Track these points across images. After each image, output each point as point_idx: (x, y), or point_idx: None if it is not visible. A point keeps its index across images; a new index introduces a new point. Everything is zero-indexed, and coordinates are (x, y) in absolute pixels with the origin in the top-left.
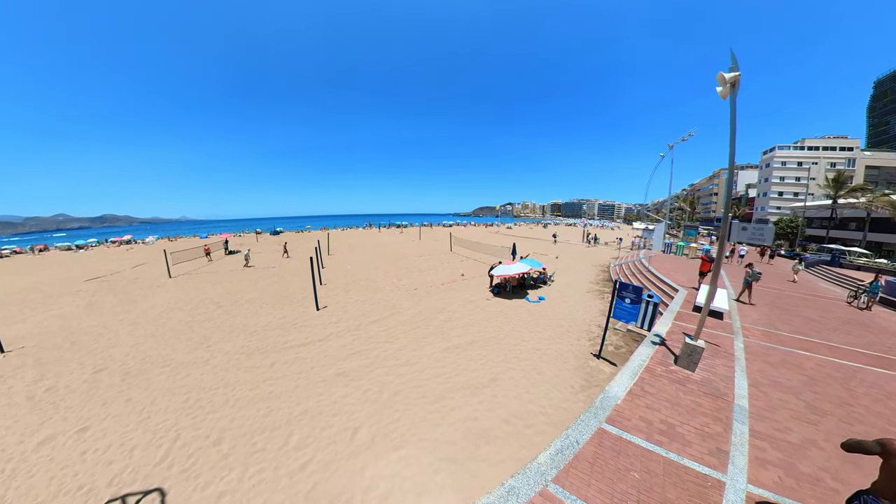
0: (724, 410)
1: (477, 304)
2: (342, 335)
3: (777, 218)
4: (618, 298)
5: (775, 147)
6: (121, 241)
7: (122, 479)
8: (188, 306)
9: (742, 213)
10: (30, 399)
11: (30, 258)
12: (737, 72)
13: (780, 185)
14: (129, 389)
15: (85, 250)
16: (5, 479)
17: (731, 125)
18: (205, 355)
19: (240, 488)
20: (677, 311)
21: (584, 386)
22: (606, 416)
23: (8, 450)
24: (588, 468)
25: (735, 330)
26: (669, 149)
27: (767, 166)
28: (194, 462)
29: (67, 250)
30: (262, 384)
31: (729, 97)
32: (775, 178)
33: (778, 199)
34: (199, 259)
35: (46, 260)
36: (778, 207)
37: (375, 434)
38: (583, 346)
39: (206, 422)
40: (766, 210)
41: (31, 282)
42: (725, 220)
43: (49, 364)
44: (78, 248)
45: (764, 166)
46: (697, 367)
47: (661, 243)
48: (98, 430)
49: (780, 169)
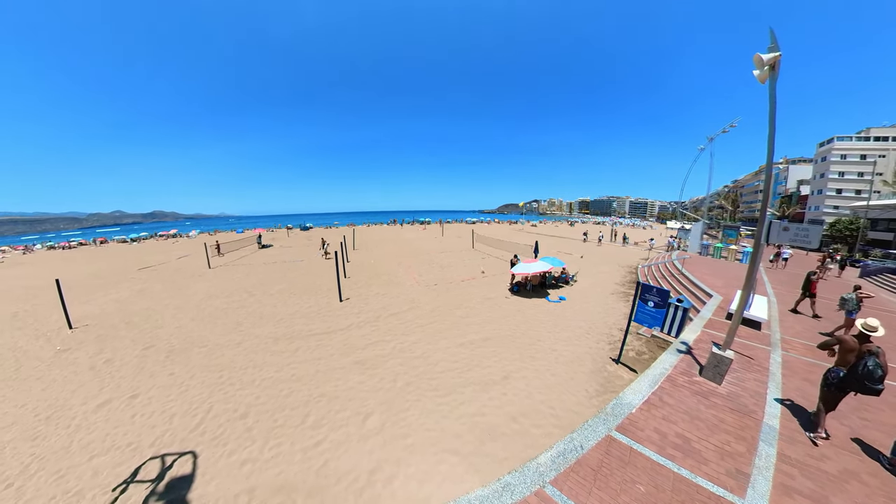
0: (749, 429)
1: (495, 301)
2: (362, 326)
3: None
4: (640, 301)
5: (834, 138)
6: (168, 234)
7: (163, 440)
8: (224, 294)
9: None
10: (91, 369)
11: (93, 249)
12: (777, 52)
13: (838, 181)
14: (172, 365)
15: (137, 243)
16: (71, 432)
17: (770, 113)
18: (237, 338)
19: (260, 458)
20: (709, 317)
21: (598, 391)
22: (617, 423)
23: (73, 409)
24: (591, 475)
25: (773, 342)
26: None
27: (824, 160)
28: (223, 431)
29: (123, 242)
30: (285, 367)
31: (768, 81)
32: (833, 173)
33: (836, 198)
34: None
35: (106, 251)
36: (835, 207)
37: (386, 421)
38: (602, 350)
39: (235, 397)
40: (820, 209)
41: (94, 269)
42: (762, 219)
43: (107, 340)
44: (132, 240)
45: (820, 160)
46: (724, 379)
47: (697, 244)
48: (145, 398)
49: (840, 163)
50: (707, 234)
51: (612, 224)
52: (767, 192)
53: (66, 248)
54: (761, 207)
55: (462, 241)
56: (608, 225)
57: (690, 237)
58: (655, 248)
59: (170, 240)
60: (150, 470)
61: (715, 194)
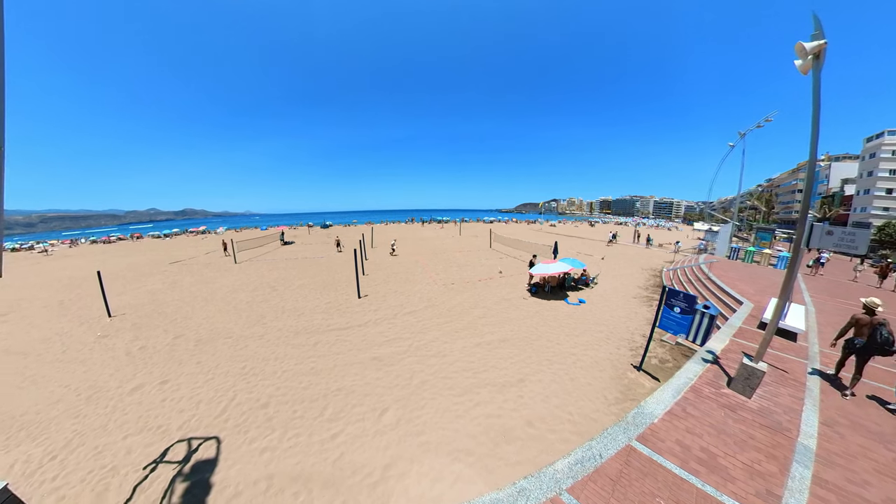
0: (782, 448)
1: (513, 302)
2: (379, 323)
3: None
4: (665, 307)
5: (884, 132)
6: (197, 231)
7: (190, 425)
8: (249, 288)
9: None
10: (127, 354)
11: (130, 244)
12: (821, 40)
13: (889, 179)
14: (200, 354)
15: (170, 238)
16: (108, 412)
17: (814, 106)
18: (260, 331)
19: (279, 447)
20: (738, 326)
21: (618, 398)
22: (638, 433)
23: (111, 391)
24: (609, 485)
25: (811, 355)
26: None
27: (872, 157)
28: (245, 419)
29: (156, 238)
30: (305, 360)
31: (811, 72)
32: (883, 171)
33: (886, 198)
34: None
35: (141, 246)
36: (885, 208)
37: (401, 417)
38: (623, 356)
39: (257, 387)
40: (867, 211)
41: (130, 263)
42: (802, 221)
43: (142, 328)
44: (164, 236)
45: (867, 157)
46: (755, 393)
47: (726, 247)
48: (174, 383)
49: (891, 160)
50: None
51: (634, 225)
52: (808, 192)
53: (106, 243)
54: (801, 208)
55: (479, 240)
56: (631, 226)
57: (718, 240)
58: (681, 250)
59: (199, 236)
60: (177, 452)
61: (747, 194)
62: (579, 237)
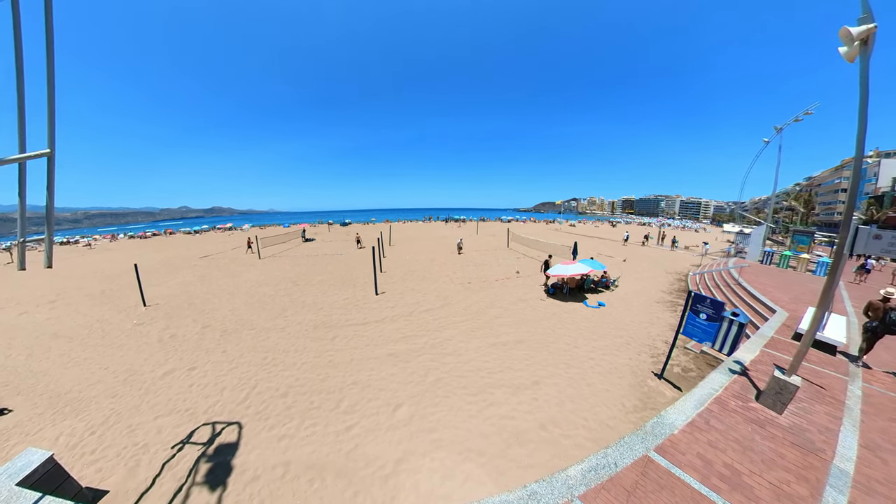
0: (815, 470)
1: (530, 303)
2: (396, 319)
3: None
4: (691, 313)
5: None
6: (224, 227)
7: (214, 410)
8: (272, 283)
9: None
10: (159, 341)
11: (163, 239)
12: (871, 23)
13: None
14: (225, 343)
15: (200, 234)
16: (142, 394)
17: (862, 97)
18: (281, 324)
19: (296, 435)
20: (770, 336)
21: (637, 407)
22: (657, 444)
23: (144, 375)
24: (624, 495)
25: (852, 371)
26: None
27: None
28: (265, 407)
29: (187, 234)
30: (323, 353)
31: (858, 60)
32: None
33: None
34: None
35: (174, 241)
36: None
37: (414, 414)
38: (643, 363)
39: (277, 377)
40: None
41: (164, 257)
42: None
43: (173, 318)
44: (195, 232)
45: None
46: (787, 409)
47: (758, 251)
48: (202, 371)
49: None
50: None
51: (659, 225)
52: (854, 191)
53: (142, 238)
54: (845, 210)
55: (497, 239)
56: (655, 226)
57: (750, 243)
58: (709, 253)
59: (226, 232)
60: (202, 434)
61: (783, 193)
62: (600, 237)
